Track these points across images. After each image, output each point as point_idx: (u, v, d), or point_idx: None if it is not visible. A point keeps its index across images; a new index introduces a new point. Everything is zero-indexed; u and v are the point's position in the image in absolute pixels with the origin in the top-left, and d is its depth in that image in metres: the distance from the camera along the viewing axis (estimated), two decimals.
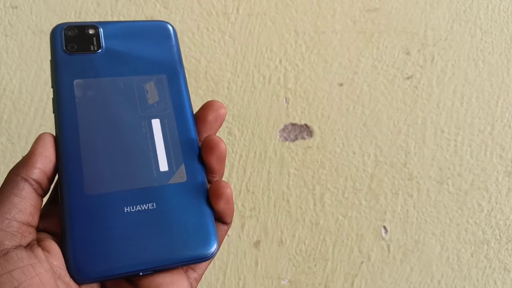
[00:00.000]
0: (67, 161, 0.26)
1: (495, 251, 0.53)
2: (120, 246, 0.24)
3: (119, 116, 0.27)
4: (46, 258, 0.23)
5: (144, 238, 0.25)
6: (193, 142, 0.28)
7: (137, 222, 0.25)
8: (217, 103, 0.29)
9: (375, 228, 0.52)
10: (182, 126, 0.28)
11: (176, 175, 0.27)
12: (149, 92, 0.28)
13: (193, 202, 0.26)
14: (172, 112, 0.28)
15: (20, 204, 0.24)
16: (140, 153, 0.27)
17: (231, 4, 0.49)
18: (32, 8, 0.47)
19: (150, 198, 0.26)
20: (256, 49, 0.49)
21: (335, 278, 0.52)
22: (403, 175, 0.51)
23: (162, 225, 0.25)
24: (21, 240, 0.23)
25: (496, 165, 0.52)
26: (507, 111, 0.52)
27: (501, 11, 0.51)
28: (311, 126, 0.50)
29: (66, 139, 0.26)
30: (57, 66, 0.27)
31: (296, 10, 0.50)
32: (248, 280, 0.51)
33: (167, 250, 0.25)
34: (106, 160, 0.26)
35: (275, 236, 0.51)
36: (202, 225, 0.26)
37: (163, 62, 0.29)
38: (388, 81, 0.51)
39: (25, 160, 0.25)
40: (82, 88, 0.27)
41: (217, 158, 0.27)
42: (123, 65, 0.28)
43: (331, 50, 0.50)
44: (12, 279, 0.22)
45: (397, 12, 0.50)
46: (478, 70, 0.51)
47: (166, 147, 0.27)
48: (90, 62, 0.28)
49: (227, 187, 0.27)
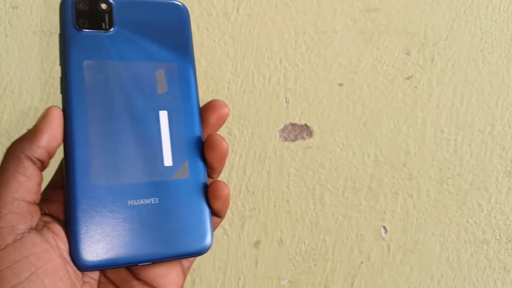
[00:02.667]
0: (75, 148, 0.25)
1: (495, 251, 0.53)
2: (122, 237, 0.25)
3: (127, 104, 0.27)
4: (56, 243, 0.24)
5: (145, 231, 0.26)
6: (197, 138, 0.28)
7: (139, 215, 0.26)
8: (219, 103, 0.29)
9: (375, 228, 0.52)
10: (189, 121, 0.28)
11: (179, 171, 0.27)
12: (159, 81, 0.28)
13: (193, 199, 0.27)
14: (180, 104, 0.28)
15: (27, 183, 0.24)
16: (147, 145, 0.27)
17: (231, 4, 0.49)
18: (32, 8, 0.47)
19: (153, 192, 0.26)
20: (256, 49, 0.49)
21: (335, 278, 0.52)
22: (403, 175, 0.51)
23: (162, 219, 0.26)
24: (31, 222, 0.24)
25: (496, 165, 0.52)
26: (507, 111, 0.52)
27: (501, 11, 0.51)
28: (311, 126, 0.50)
29: (74, 124, 0.25)
30: (66, 43, 0.26)
31: (296, 10, 0.50)
32: (248, 280, 0.52)
33: (166, 244, 0.26)
34: (113, 151, 0.26)
35: (275, 236, 0.51)
36: (200, 222, 0.27)
37: (174, 49, 0.28)
38: (388, 81, 0.51)
39: (30, 136, 0.25)
40: (92, 70, 0.26)
41: (218, 157, 0.27)
42: (134, 48, 0.27)
43: (331, 50, 0.50)
44: (30, 265, 0.22)
45: (397, 12, 0.50)
46: (478, 70, 0.51)
47: (172, 141, 0.27)
48: (101, 42, 0.27)
49: (226, 188, 0.27)
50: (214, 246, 0.51)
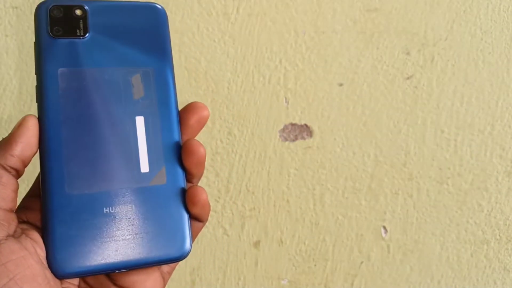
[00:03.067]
0: (50, 157, 0.25)
1: (495, 251, 0.53)
2: (98, 245, 0.25)
3: (103, 111, 0.27)
4: (34, 250, 0.24)
5: (122, 238, 0.26)
6: (175, 143, 0.28)
7: (116, 222, 0.26)
8: (199, 105, 0.28)
9: (375, 228, 0.52)
10: (166, 126, 0.28)
11: (156, 177, 0.27)
12: (135, 86, 0.27)
13: (170, 205, 0.27)
14: (157, 109, 0.28)
15: (2, 191, 0.24)
16: (123, 152, 0.27)
17: (231, 4, 0.49)
18: (32, 8, 0.47)
19: (130, 199, 0.26)
20: (256, 49, 0.49)
21: (335, 278, 0.52)
22: (403, 175, 0.51)
23: (139, 226, 0.26)
24: (8, 229, 0.24)
25: (496, 165, 0.52)
26: (507, 111, 0.52)
27: (501, 11, 0.51)
28: (311, 126, 0.50)
29: (49, 133, 0.25)
30: (41, 51, 0.26)
31: (296, 10, 0.50)
32: (248, 280, 0.52)
33: (143, 251, 0.26)
34: (89, 158, 0.26)
35: (275, 236, 0.51)
36: (178, 228, 0.27)
37: (152, 53, 0.28)
38: (388, 81, 0.51)
39: (4, 145, 0.25)
40: (67, 78, 0.26)
41: (196, 162, 0.27)
42: (109, 53, 0.27)
43: (331, 50, 0.50)
44: (7, 272, 0.22)
45: (397, 12, 0.50)
46: (478, 70, 0.51)
47: (149, 147, 0.27)
48: (75, 49, 0.27)
49: (203, 193, 0.27)
50: (214, 246, 0.51)
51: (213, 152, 0.50)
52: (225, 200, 0.51)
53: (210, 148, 0.50)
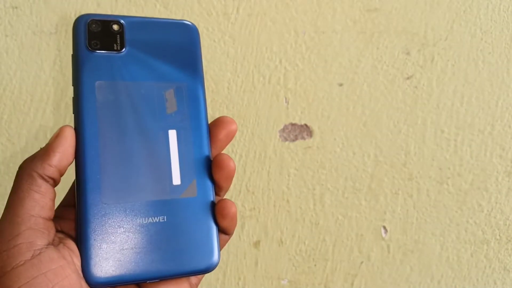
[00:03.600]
0: (86, 167, 0.26)
1: (495, 251, 0.53)
2: (131, 255, 0.26)
3: (138, 124, 0.27)
4: (71, 259, 0.24)
5: (154, 249, 0.26)
6: (205, 157, 0.29)
7: (148, 233, 0.26)
8: (228, 119, 0.29)
9: (375, 228, 0.52)
10: (197, 140, 0.28)
11: (187, 189, 0.28)
12: (169, 100, 0.28)
13: (200, 217, 0.28)
14: (189, 123, 0.29)
15: (42, 200, 0.24)
16: (156, 164, 0.27)
17: (231, 4, 0.49)
18: (32, 8, 0.47)
19: (161, 211, 0.27)
20: (256, 49, 0.49)
21: (335, 278, 0.52)
22: (403, 175, 0.51)
23: (170, 237, 0.27)
24: (48, 237, 0.24)
25: (496, 165, 0.52)
26: (507, 111, 0.52)
27: (501, 11, 0.51)
28: (311, 126, 0.50)
29: (86, 144, 0.26)
30: (79, 64, 0.27)
31: (296, 10, 0.50)
32: (248, 280, 0.52)
33: (174, 262, 0.26)
34: (123, 170, 0.27)
35: (275, 236, 0.51)
36: (207, 240, 0.27)
37: (184, 68, 0.29)
38: (388, 81, 0.51)
39: (42, 155, 0.25)
40: (104, 91, 0.27)
41: (225, 176, 0.28)
42: (144, 68, 0.28)
43: (331, 50, 0.50)
44: (47, 281, 0.23)
45: (397, 12, 0.50)
46: (478, 70, 0.51)
47: (181, 160, 0.28)
48: (112, 62, 0.28)
49: (233, 206, 0.28)
50: None
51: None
52: None
53: None
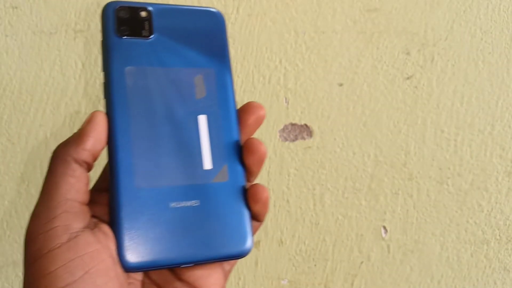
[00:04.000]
0: (119, 151, 0.26)
1: (495, 251, 0.53)
2: (165, 239, 0.25)
3: (168, 109, 0.27)
4: (106, 243, 0.24)
5: (187, 233, 0.26)
6: (235, 142, 0.28)
7: (182, 218, 0.26)
8: (256, 104, 0.29)
9: (375, 228, 0.52)
10: (227, 125, 0.28)
11: (219, 174, 0.27)
12: (198, 86, 0.28)
13: (233, 202, 0.27)
14: (218, 108, 0.28)
15: (77, 184, 0.24)
16: (187, 149, 0.27)
17: (231, 4, 0.49)
18: (32, 8, 0.47)
19: (194, 195, 0.27)
20: (256, 49, 0.49)
21: (335, 278, 0.52)
22: (403, 175, 0.51)
23: (204, 222, 0.26)
24: (84, 221, 0.24)
25: (496, 165, 0.52)
26: (507, 111, 0.52)
27: (501, 11, 0.51)
28: (311, 126, 0.50)
29: (117, 128, 0.26)
30: (108, 50, 0.27)
31: (296, 10, 0.50)
32: (248, 280, 0.52)
33: (208, 246, 0.26)
34: (155, 154, 0.26)
35: (275, 236, 0.51)
36: (240, 225, 0.27)
37: (212, 54, 0.29)
38: (388, 81, 0.51)
39: (75, 139, 0.25)
40: (134, 76, 0.27)
41: (257, 160, 0.28)
42: (173, 54, 0.28)
43: (331, 50, 0.50)
44: (83, 264, 0.23)
45: (397, 12, 0.50)
46: (478, 70, 0.51)
47: (211, 145, 0.28)
48: (141, 49, 0.28)
49: (265, 191, 0.27)
50: None
51: None
52: None
53: None
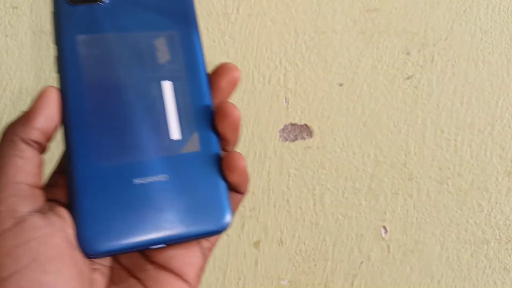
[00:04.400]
0: (74, 127, 0.24)
1: (495, 251, 0.53)
2: (131, 219, 0.23)
3: (127, 77, 0.25)
4: (61, 226, 0.22)
5: (156, 211, 0.24)
6: (206, 108, 0.26)
7: (149, 194, 0.24)
8: (230, 65, 0.26)
9: (375, 228, 0.52)
10: (196, 90, 0.26)
11: (188, 144, 0.25)
12: (160, 50, 0.26)
13: (206, 173, 0.25)
14: (185, 73, 0.26)
15: (25, 166, 0.22)
16: (151, 119, 0.25)
17: (231, 4, 0.49)
18: (32, 8, 0.47)
19: (161, 168, 0.24)
20: (256, 49, 0.49)
21: (335, 278, 0.52)
22: (403, 175, 0.51)
23: (174, 197, 0.24)
24: (34, 204, 0.22)
25: (496, 165, 0.52)
26: (507, 111, 0.52)
27: (501, 11, 0.51)
28: (311, 126, 0.50)
29: (71, 103, 0.24)
30: (59, 19, 0.25)
31: (296, 10, 0.50)
32: (248, 280, 0.52)
33: (180, 224, 0.24)
34: (114, 127, 0.24)
35: (275, 236, 0.51)
36: (216, 198, 0.25)
37: (175, 16, 0.26)
38: (388, 81, 0.51)
39: (24, 118, 0.23)
40: (87, 45, 0.25)
41: (230, 126, 0.25)
42: (131, 18, 0.26)
43: (331, 50, 0.50)
44: (30, 251, 0.21)
45: (397, 12, 0.50)
46: (478, 70, 0.51)
47: (178, 113, 0.25)
48: (95, 15, 0.25)
49: (240, 159, 0.25)
50: None
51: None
52: None
53: None
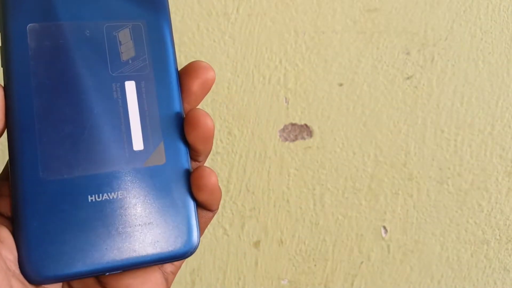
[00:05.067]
0: (20, 132, 0.20)
1: (495, 251, 0.53)
2: (84, 241, 0.20)
3: (84, 75, 0.21)
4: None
5: (113, 232, 0.21)
6: (176, 115, 0.23)
7: (105, 214, 0.21)
8: (202, 65, 0.22)
9: (375, 228, 0.52)
10: (163, 93, 0.22)
11: (152, 155, 0.22)
12: (124, 44, 0.22)
13: (172, 190, 0.22)
14: (152, 72, 0.23)
15: None
16: (109, 126, 0.22)
17: (231, 4, 0.49)
18: None
19: (120, 184, 0.21)
20: (256, 49, 0.49)
21: (335, 278, 0.52)
22: (403, 175, 0.51)
23: (133, 217, 0.21)
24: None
25: (496, 165, 0.52)
26: (507, 111, 0.52)
27: (501, 11, 0.51)
28: (311, 126, 0.50)
29: (18, 103, 0.20)
30: (5, 4, 0.21)
31: (296, 10, 0.50)
32: (248, 280, 0.52)
33: (139, 247, 0.21)
34: (67, 134, 0.21)
35: (275, 236, 0.51)
36: (182, 218, 0.22)
37: (142, 4, 0.23)
38: (388, 81, 0.51)
39: None
40: (38, 36, 0.21)
41: (202, 137, 0.22)
42: (90, 5, 0.22)
43: (331, 50, 0.50)
44: None
45: (397, 12, 0.50)
46: (478, 70, 0.51)
47: (142, 119, 0.22)
48: (48, 1, 0.22)
49: (212, 175, 0.22)
50: (214, 246, 0.51)
51: (213, 152, 0.50)
52: (225, 200, 0.51)
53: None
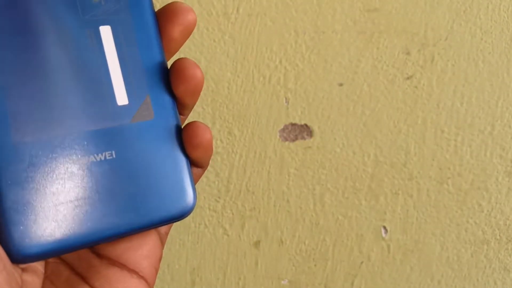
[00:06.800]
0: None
1: (495, 251, 0.53)
2: (70, 210, 0.18)
3: (53, 23, 0.19)
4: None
5: (102, 197, 0.19)
6: (159, 63, 0.20)
7: (91, 177, 0.19)
8: (182, 7, 0.20)
9: (375, 228, 0.52)
10: (144, 39, 0.20)
11: (140, 110, 0.20)
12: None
13: (163, 148, 0.20)
14: (130, 16, 0.20)
15: None
16: (87, 78, 0.19)
17: (231, 4, 0.49)
18: None
19: (107, 143, 0.19)
20: (256, 49, 0.49)
21: (335, 278, 0.52)
22: (403, 175, 0.51)
23: (124, 179, 0.19)
24: None
25: (496, 165, 0.52)
26: (507, 111, 0.52)
27: (501, 11, 0.51)
28: (311, 126, 0.50)
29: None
30: None
31: (296, 10, 0.50)
32: (248, 280, 0.52)
33: (134, 212, 0.19)
34: (39, 91, 0.18)
35: (275, 236, 0.51)
36: (176, 177, 0.20)
37: None
38: (388, 81, 0.51)
39: None
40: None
41: (191, 89, 0.20)
42: None
43: (331, 50, 0.50)
44: None
45: (397, 12, 0.50)
46: (478, 70, 0.51)
47: (124, 69, 0.20)
48: None
49: (206, 132, 0.20)
50: (214, 246, 0.51)
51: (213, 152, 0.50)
52: (225, 200, 0.51)
53: None
